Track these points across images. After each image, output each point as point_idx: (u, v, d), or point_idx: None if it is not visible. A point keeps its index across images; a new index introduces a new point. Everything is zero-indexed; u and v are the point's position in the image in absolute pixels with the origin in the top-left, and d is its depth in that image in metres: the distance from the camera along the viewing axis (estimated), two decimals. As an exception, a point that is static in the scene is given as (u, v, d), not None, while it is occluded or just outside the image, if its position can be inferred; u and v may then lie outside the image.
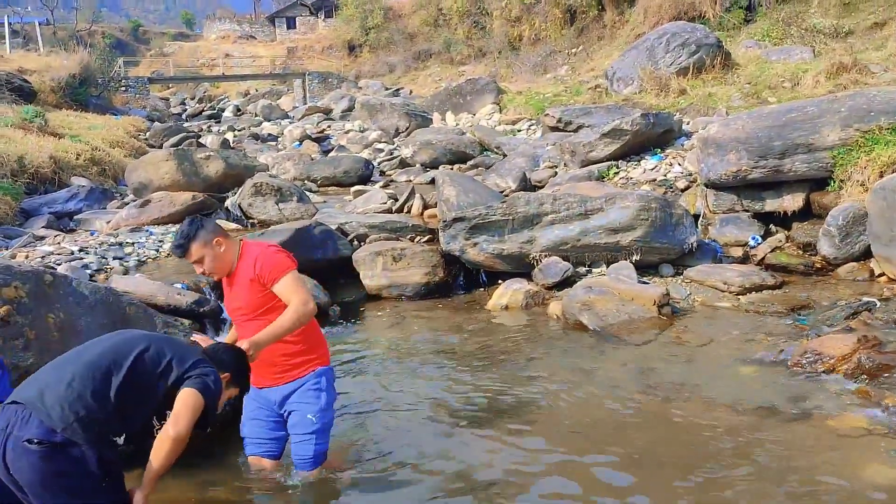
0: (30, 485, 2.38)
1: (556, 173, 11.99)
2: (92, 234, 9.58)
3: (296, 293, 3.33)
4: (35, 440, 2.37)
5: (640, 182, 10.56)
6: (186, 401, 2.66)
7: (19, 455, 2.38)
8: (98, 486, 2.48)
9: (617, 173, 11.15)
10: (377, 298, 7.90)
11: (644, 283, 7.38)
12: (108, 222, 10.10)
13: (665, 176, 10.64)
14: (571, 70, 24.98)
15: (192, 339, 3.48)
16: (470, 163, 15.29)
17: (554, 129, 14.89)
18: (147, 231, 9.75)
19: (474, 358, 6.05)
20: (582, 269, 7.79)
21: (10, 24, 36.46)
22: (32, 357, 3.77)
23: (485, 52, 33.22)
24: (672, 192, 10.00)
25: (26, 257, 8.03)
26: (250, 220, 10.68)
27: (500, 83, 23.60)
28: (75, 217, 10.67)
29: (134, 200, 11.16)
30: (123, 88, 34.57)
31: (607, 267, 7.71)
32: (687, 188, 10.06)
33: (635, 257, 7.66)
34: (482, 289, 8.09)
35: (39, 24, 45.40)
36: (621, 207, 7.69)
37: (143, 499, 2.65)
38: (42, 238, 9.23)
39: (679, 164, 10.89)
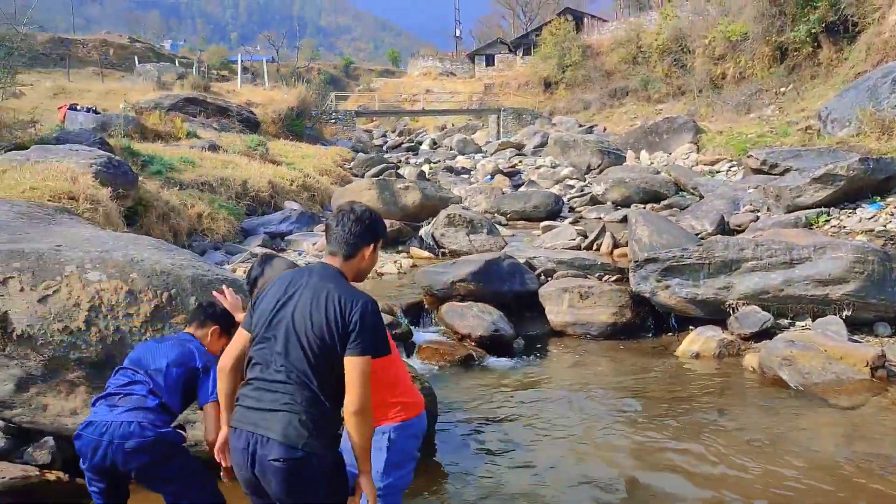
0: (277, 494, 2.55)
1: (757, 218, 11.35)
2: (299, 255, 10.38)
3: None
4: (281, 459, 2.49)
5: (855, 232, 9.74)
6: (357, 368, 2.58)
7: (267, 472, 2.53)
8: (336, 484, 2.60)
9: (828, 221, 10.36)
10: (561, 335, 7.86)
11: (855, 341, 6.77)
12: (314, 244, 10.88)
13: (885, 226, 9.74)
14: (779, 110, 23.60)
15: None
16: (664, 203, 14.88)
17: (757, 171, 14.13)
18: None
19: (659, 405, 5.83)
20: (783, 322, 7.28)
21: (242, 62, 40.65)
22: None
23: (684, 91, 32.24)
24: (893, 244, 9.11)
25: (244, 273, 8.85)
26: (441, 250, 11.07)
27: (699, 122, 22.81)
28: (286, 238, 11.61)
29: (338, 225, 11.97)
30: (333, 121, 37.18)
31: (813, 321, 7.15)
32: (911, 241, 9.13)
33: (846, 313, 7.04)
34: (671, 333, 7.79)
35: (266, 61, 50.17)
36: (832, 258, 7.12)
37: (367, 479, 2.60)
38: (257, 256, 10.11)
39: (902, 215, 9.92)
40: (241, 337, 2.79)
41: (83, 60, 40.16)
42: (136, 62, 36.90)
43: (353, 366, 2.49)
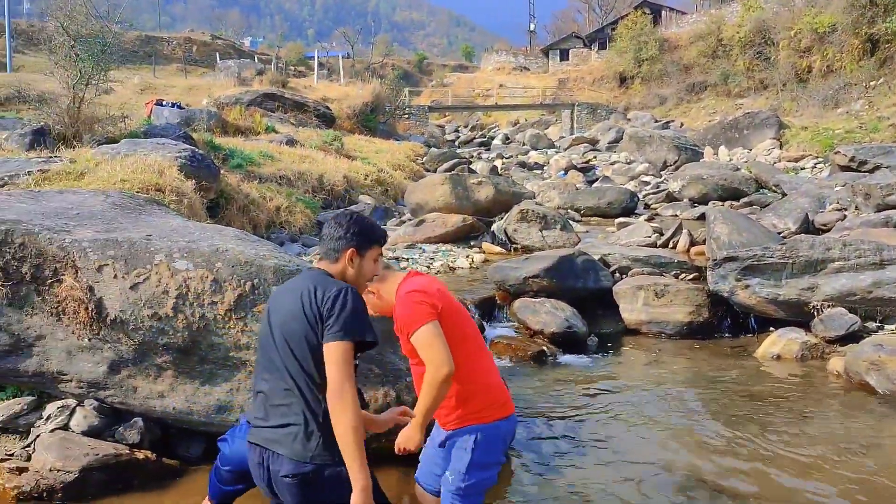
0: None
1: (844, 216, 10.93)
2: (373, 248, 10.51)
3: (429, 360, 2.82)
4: (290, 474, 2.50)
5: (951, 232, 9.25)
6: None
7: (280, 486, 2.56)
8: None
9: (921, 221, 9.87)
10: (635, 333, 7.74)
11: (950, 347, 6.43)
12: (389, 236, 11.02)
13: (984, 227, 9.23)
14: (868, 105, 22.62)
15: None
16: (743, 200, 14.48)
17: (845, 168, 13.60)
18: (420, 248, 10.51)
19: (738, 407, 5.68)
20: (871, 325, 6.98)
21: (318, 58, 41.41)
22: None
23: (766, 85, 31.24)
24: None
25: (320, 264, 9.04)
26: (514, 245, 11.05)
27: (782, 117, 22.06)
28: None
29: (411, 219, 12.09)
30: (406, 116, 37.50)
31: (903, 325, 6.84)
32: None
33: (940, 317, 6.72)
34: (750, 335, 7.57)
35: (342, 57, 50.98)
36: (926, 259, 6.79)
37: (358, 482, 2.42)
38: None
39: None
40: None
41: (168, 57, 41.68)
42: (218, 59, 38.04)
43: (329, 352, 2.41)
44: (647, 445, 4.95)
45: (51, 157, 8.62)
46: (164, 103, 16.79)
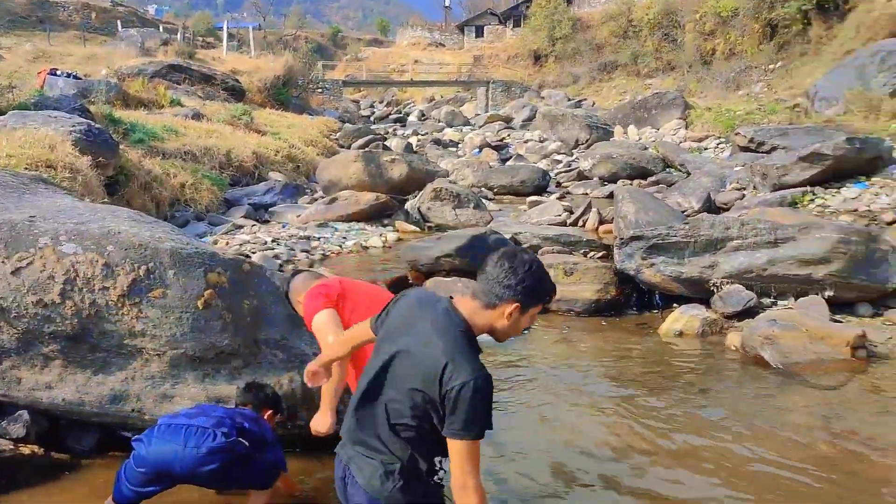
0: None
1: (743, 196, 11.37)
2: (283, 227, 10.30)
3: (321, 342, 3.19)
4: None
5: (839, 211, 9.77)
6: None
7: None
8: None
9: (812, 200, 10.38)
10: (545, 311, 7.85)
11: (837, 321, 6.80)
12: (299, 216, 10.80)
13: (869, 207, 9.77)
14: (767, 87, 23.59)
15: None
16: (651, 179, 14.86)
17: (745, 149, 14.13)
18: (332, 227, 10.33)
19: (642, 384, 5.84)
20: (766, 301, 7.30)
21: (228, 29, 40.00)
22: (228, 338, 4.09)
23: (673, 66, 32.15)
24: (876, 224, 9.15)
25: (227, 244, 8.76)
26: (428, 224, 11.02)
27: (687, 98, 22.76)
28: (270, 209, 11.51)
29: (323, 197, 11.88)
30: (320, 90, 36.81)
31: (795, 300, 7.18)
32: (894, 221, 9.16)
33: (828, 293, 7.07)
34: (655, 311, 7.80)
35: (252, 28, 49.44)
36: (817, 238, 7.13)
37: None
38: (241, 227, 10.03)
39: (887, 195, 9.95)
40: (366, 330, 2.58)
41: (64, 24, 39.35)
42: (119, 27, 36.24)
43: (451, 446, 2.19)
44: (544, 424, 5.02)
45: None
46: (58, 73, 15.88)
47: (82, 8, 43.13)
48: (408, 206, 11.60)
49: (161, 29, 37.73)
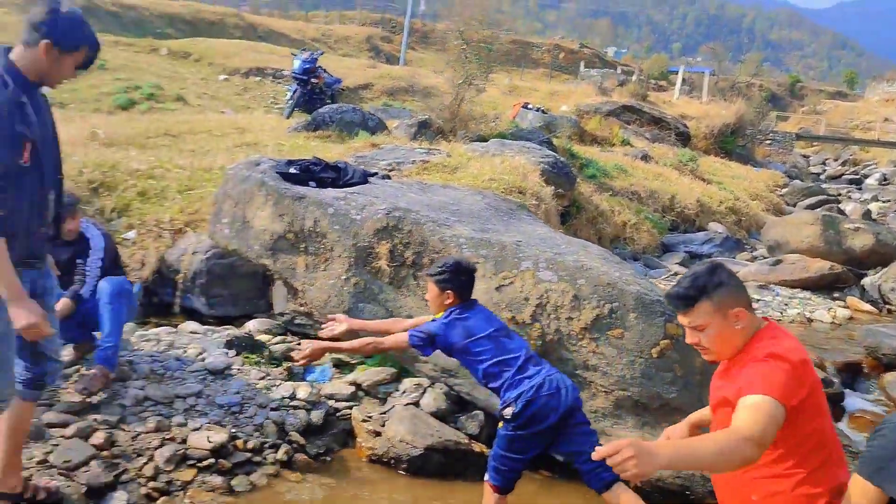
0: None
1: None
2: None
3: (751, 421, 2.07)
4: None
5: None
6: None
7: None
8: None
9: None
10: None
11: None
12: (737, 272, 10.27)
13: None
14: None
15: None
16: None
17: None
18: (774, 291, 9.63)
19: None
20: None
21: (682, 73, 40.29)
22: (675, 392, 4.01)
23: None
24: None
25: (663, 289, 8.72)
26: (888, 307, 9.60)
27: None
28: (705, 260, 11.15)
29: (765, 257, 11.16)
30: (768, 142, 34.85)
31: None
32: None
33: None
34: None
35: (707, 74, 49.02)
36: None
37: None
38: (676, 275, 9.91)
39: None
40: None
41: (536, 62, 43.81)
42: (582, 67, 39.02)
43: None
44: None
45: (430, 148, 9.47)
46: (529, 106, 17.57)
47: (553, 49, 47.54)
48: (865, 281, 10.24)
49: (619, 70, 39.65)
